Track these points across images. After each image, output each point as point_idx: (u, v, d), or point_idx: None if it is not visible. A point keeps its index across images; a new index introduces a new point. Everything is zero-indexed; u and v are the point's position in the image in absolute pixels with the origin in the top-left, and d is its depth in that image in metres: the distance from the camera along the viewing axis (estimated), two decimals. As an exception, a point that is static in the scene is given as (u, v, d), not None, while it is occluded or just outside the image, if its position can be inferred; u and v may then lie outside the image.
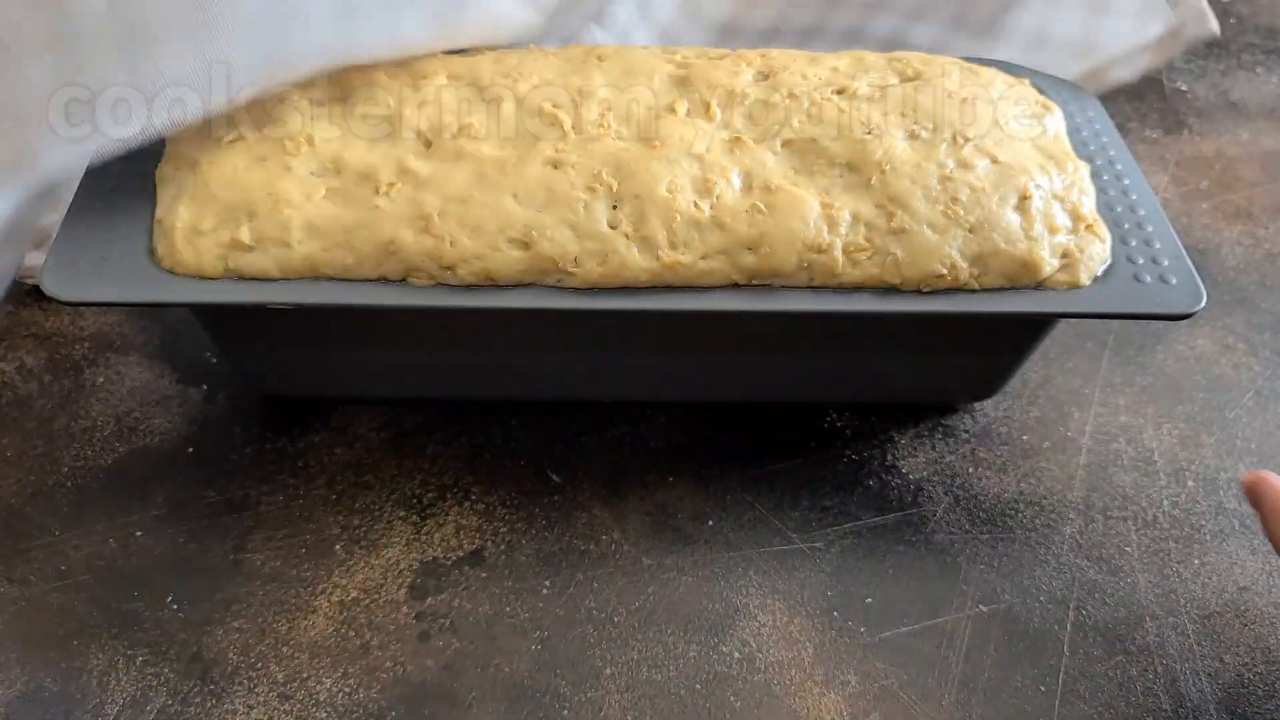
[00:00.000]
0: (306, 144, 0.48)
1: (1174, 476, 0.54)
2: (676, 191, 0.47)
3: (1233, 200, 0.72)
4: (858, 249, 0.47)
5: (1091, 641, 0.47)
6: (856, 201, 0.48)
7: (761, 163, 0.49)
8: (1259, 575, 0.50)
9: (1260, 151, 0.77)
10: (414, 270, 0.46)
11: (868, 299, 0.47)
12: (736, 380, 0.55)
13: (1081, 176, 0.51)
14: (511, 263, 0.46)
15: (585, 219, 0.46)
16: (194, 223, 0.46)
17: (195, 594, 0.47)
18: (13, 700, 0.43)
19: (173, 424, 0.54)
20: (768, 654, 0.46)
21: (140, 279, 0.45)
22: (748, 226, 0.47)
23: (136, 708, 0.43)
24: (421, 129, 0.49)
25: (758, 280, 0.47)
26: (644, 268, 0.46)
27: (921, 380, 0.55)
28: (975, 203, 0.48)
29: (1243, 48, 0.88)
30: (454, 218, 0.46)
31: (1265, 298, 0.65)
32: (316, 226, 0.46)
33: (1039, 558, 0.50)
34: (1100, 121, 0.57)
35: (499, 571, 0.48)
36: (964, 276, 0.47)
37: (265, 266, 0.46)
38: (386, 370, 0.53)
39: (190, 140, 0.49)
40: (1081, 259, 0.48)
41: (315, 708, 0.43)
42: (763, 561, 0.49)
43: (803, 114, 0.51)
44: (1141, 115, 0.80)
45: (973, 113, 0.51)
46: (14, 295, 0.61)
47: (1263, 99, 0.82)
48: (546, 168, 0.48)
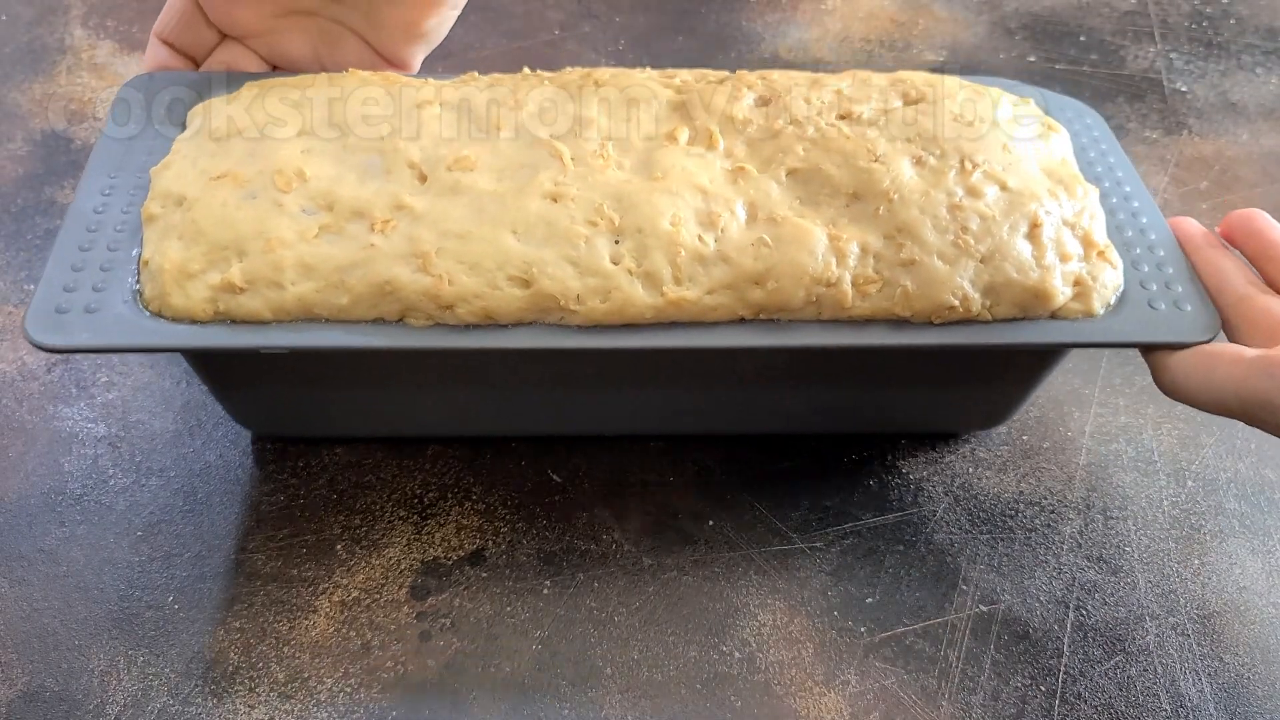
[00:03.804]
0: (298, 179, 0.45)
1: (1174, 476, 0.52)
2: (680, 225, 0.44)
3: (1232, 200, 0.70)
4: (867, 281, 0.44)
5: (1091, 642, 0.45)
6: (864, 232, 0.45)
7: (766, 193, 0.46)
8: (1259, 575, 0.48)
9: (1260, 152, 0.75)
10: (411, 310, 0.43)
11: (878, 332, 0.44)
12: (743, 413, 0.52)
13: (1091, 201, 0.48)
14: (512, 301, 0.43)
15: (587, 255, 0.43)
16: (183, 264, 0.43)
17: (196, 594, 0.46)
18: (13, 700, 0.41)
19: (173, 424, 0.53)
20: (768, 654, 0.45)
21: (127, 324, 0.42)
22: (754, 260, 0.44)
23: (137, 708, 0.42)
24: (416, 161, 0.46)
25: (765, 315, 0.44)
26: (648, 304, 0.43)
27: (930, 411, 0.52)
28: (986, 232, 0.45)
29: (1243, 48, 0.85)
30: (452, 255, 0.43)
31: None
32: (310, 266, 0.43)
33: (1039, 558, 0.49)
34: (1105, 139, 0.54)
35: (500, 571, 0.47)
36: (976, 308, 0.44)
37: (257, 309, 0.42)
38: (385, 410, 0.50)
39: (177, 175, 0.46)
40: (1094, 287, 0.45)
41: (316, 708, 0.42)
42: (763, 561, 0.48)
43: (806, 141, 0.48)
44: (1141, 116, 0.77)
45: (980, 136, 0.49)
46: (14, 295, 0.61)
47: (1262, 99, 0.80)
48: (546, 201, 0.45)
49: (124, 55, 0.78)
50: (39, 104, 0.72)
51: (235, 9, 0.53)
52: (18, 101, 0.73)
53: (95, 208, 0.46)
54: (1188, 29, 0.88)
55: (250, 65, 0.55)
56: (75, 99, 0.73)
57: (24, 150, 0.69)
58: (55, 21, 0.81)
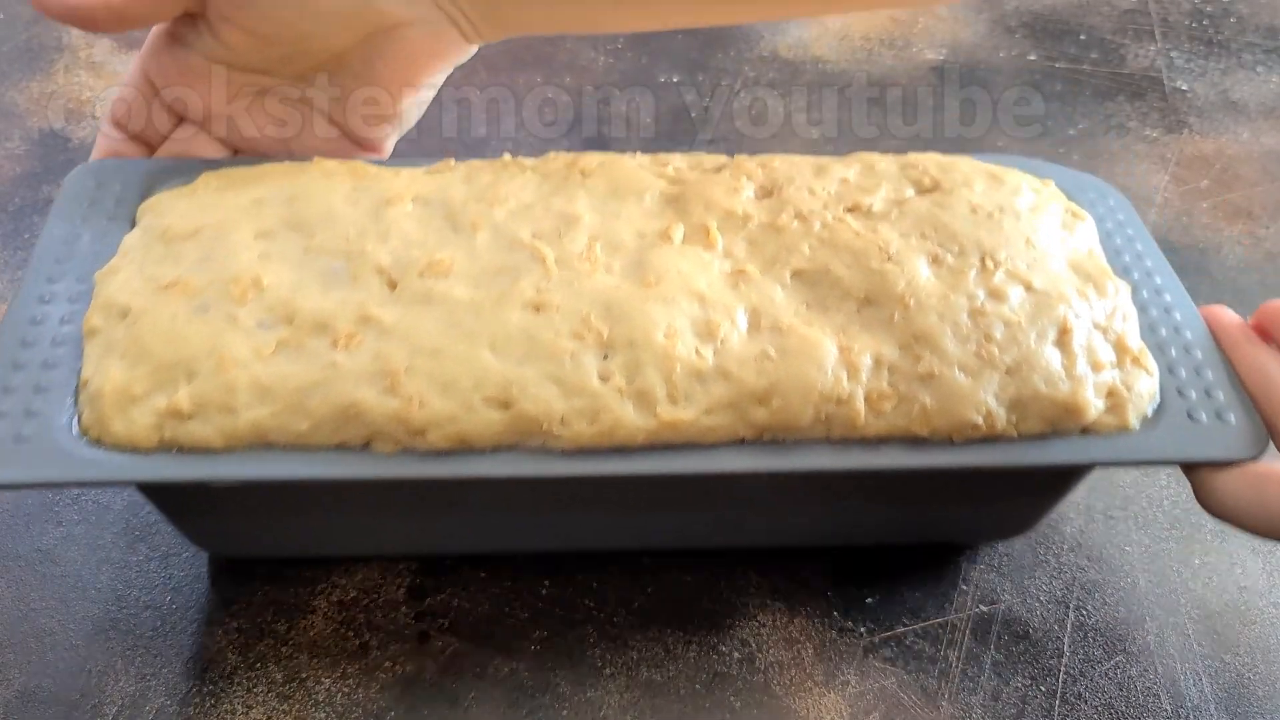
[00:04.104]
0: (254, 288, 0.40)
1: (1174, 476, 0.50)
2: (675, 337, 0.39)
3: (1233, 200, 0.68)
4: (881, 397, 0.39)
5: (1091, 642, 0.44)
6: (878, 342, 0.40)
7: (769, 298, 0.41)
8: (1259, 575, 0.47)
9: (1260, 151, 0.73)
10: (378, 435, 0.38)
11: (894, 453, 0.39)
12: (742, 529, 0.47)
13: (1123, 299, 0.43)
14: (489, 425, 0.38)
15: (572, 372, 0.39)
16: (125, 386, 0.38)
17: (193, 593, 0.44)
18: (10, 700, 0.40)
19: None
20: (768, 654, 0.43)
21: (62, 455, 0.37)
22: (757, 376, 0.39)
23: (135, 708, 0.40)
24: (385, 266, 0.41)
25: (769, 435, 0.39)
26: (640, 426, 0.38)
27: (948, 524, 0.47)
28: (1011, 340, 0.40)
29: (1243, 47, 0.83)
30: (423, 374, 0.38)
31: (1265, 297, 0.62)
32: (266, 388, 0.38)
33: (1039, 558, 0.47)
34: (1130, 223, 0.49)
35: (498, 571, 0.46)
36: (1001, 424, 0.40)
37: (207, 436, 0.38)
38: (350, 533, 0.45)
39: (122, 283, 0.41)
40: (1129, 398, 0.40)
41: (314, 708, 0.41)
42: (763, 561, 0.47)
43: (813, 238, 0.43)
44: (1141, 115, 0.76)
45: (1001, 230, 0.44)
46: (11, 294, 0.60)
47: (1263, 98, 0.78)
48: (527, 311, 0.40)
49: (122, 54, 0.76)
50: (37, 103, 0.72)
51: (192, 91, 0.48)
52: (15, 100, 0.72)
53: (32, 318, 0.41)
54: (1188, 27, 0.88)
55: (209, 150, 0.49)
56: (73, 98, 0.72)
57: (21, 149, 0.68)
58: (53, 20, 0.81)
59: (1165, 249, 0.66)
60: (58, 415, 0.38)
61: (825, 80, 0.79)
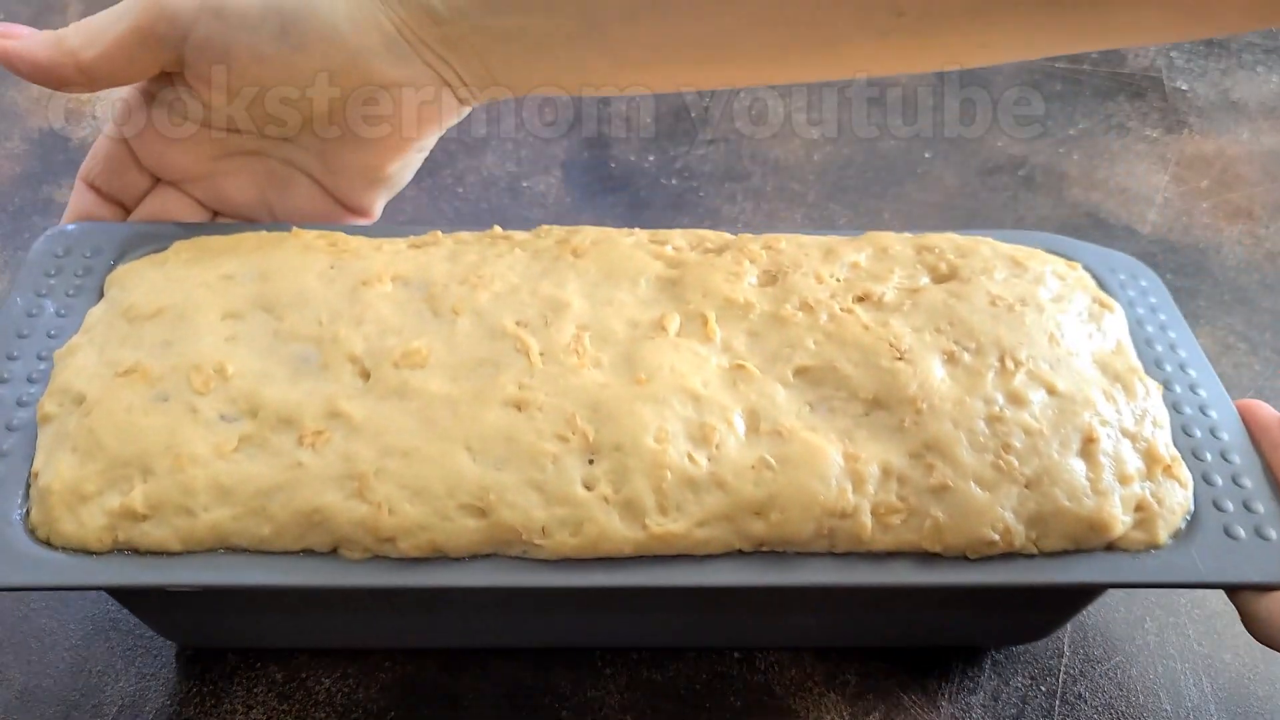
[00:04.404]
0: (217, 376, 0.38)
1: None
2: (667, 441, 0.37)
3: (1233, 199, 0.68)
4: (890, 510, 0.37)
5: (1091, 641, 0.44)
6: (887, 450, 0.37)
7: (770, 398, 0.38)
8: None
9: (1260, 151, 0.73)
10: (345, 542, 0.36)
11: (901, 569, 0.37)
12: (737, 632, 0.44)
13: (1154, 403, 0.40)
14: (464, 534, 0.36)
15: (555, 478, 0.36)
16: (76, 484, 0.35)
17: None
18: (9, 700, 0.40)
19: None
20: (767, 654, 0.43)
21: (8, 556, 0.35)
22: (754, 487, 0.36)
23: (134, 708, 0.40)
24: (358, 354, 0.39)
25: (766, 548, 0.37)
26: (627, 538, 0.36)
27: (959, 631, 0.44)
28: (1031, 450, 0.37)
29: (1243, 47, 0.83)
30: (393, 478, 0.36)
31: (1265, 297, 0.61)
32: (226, 489, 0.36)
33: None
34: (1163, 307, 0.46)
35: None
36: (1019, 541, 0.37)
37: (163, 538, 0.35)
38: (317, 628, 0.42)
39: (80, 367, 0.39)
40: (1160, 512, 0.37)
41: (314, 708, 0.41)
42: None
43: (819, 332, 0.40)
44: (1142, 114, 0.75)
45: (1022, 325, 0.41)
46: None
47: (1263, 98, 0.78)
48: (508, 410, 0.37)
49: None
50: (36, 102, 0.71)
51: (170, 151, 0.45)
52: (15, 100, 0.72)
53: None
54: (1188, 27, 0.88)
55: (187, 213, 0.47)
56: (73, 98, 0.72)
57: (21, 149, 0.68)
58: (53, 19, 0.80)
59: (1165, 249, 0.66)
60: (8, 510, 0.36)
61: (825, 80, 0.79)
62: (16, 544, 0.35)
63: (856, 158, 0.72)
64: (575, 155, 0.70)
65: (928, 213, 0.68)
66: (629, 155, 0.70)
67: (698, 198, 0.67)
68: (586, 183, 0.68)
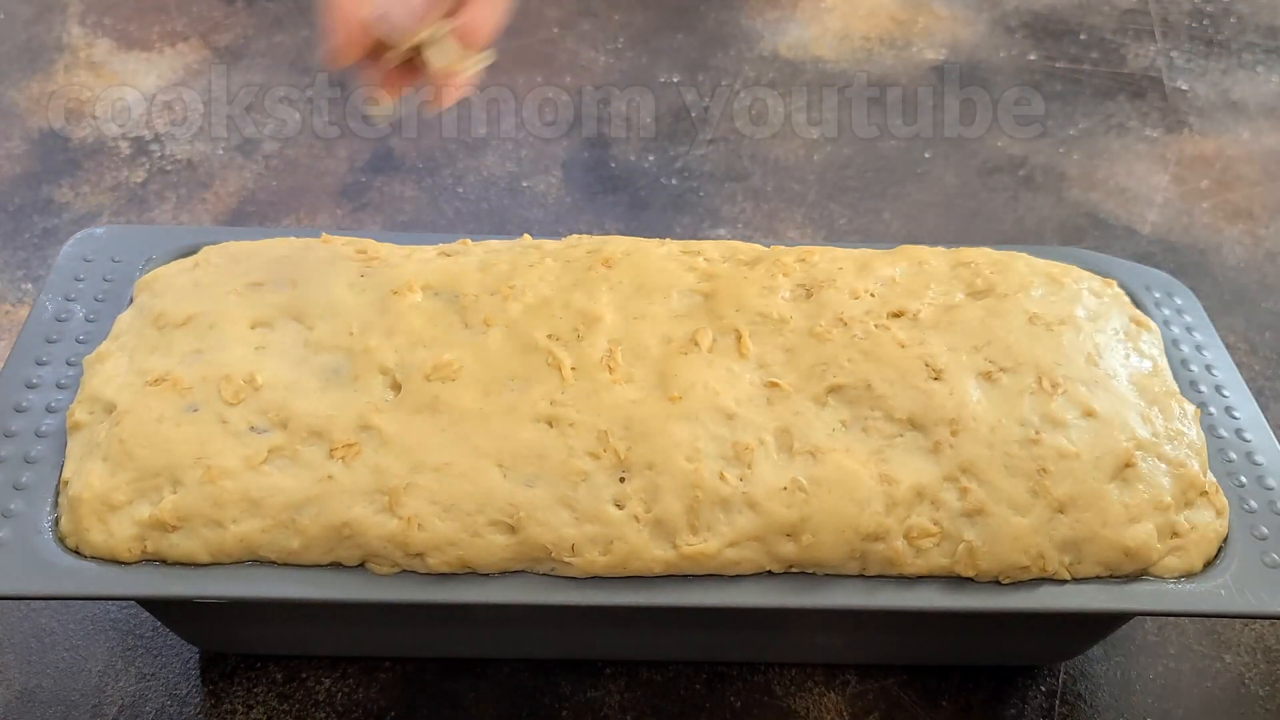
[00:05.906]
0: (248, 387, 0.37)
1: None
2: (699, 460, 0.36)
3: (1233, 199, 0.68)
4: (923, 534, 0.36)
5: None
6: (920, 472, 0.37)
7: (804, 417, 0.38)
8: None
9: (1260, 151, 0.72)
10: (374, 556, 0.35)
11: (934, 594, 0.36)
12: (767, 648, 0.43)
13: (1191, 427, 0.39)
14: (494, 550, 0.35)
15: (586, 496, 0.36)
16: (105, 494, 0.35)
17: None
18: (10, 701, 0.40)
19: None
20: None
21: (36, 565, 0.35)
22: (786, 508, 0.36)
23: (135, 708, 0.40)
24: (389, 366, 0.38)
25: (798, 569, 0.36)
26: (657, 558, 0.35)
27: (988, 653, 0.44)
28: (1068, 474, 0.37)
29: (1243, 47, 0.83)
30: (424, 493, 0.36)
31: (1265, 297, 0.61)
32: (256, 502, 0.35)
33: None
34: (1199, 326, 0.45)
35: None
36: (1053, 566, 0.36)
37: (192, 549, 0.35)
38: (349, 638, 0.42)
39: (109, 375, 0.38)
40: (1196, 539, 0.37)
41: (314, 708, 0.41)
42: None
43: (854, 350, 0.39)
44: (1142, 114, 0.75)
45: (1060, 345, 0.40)
46: (11, 294, 0.61)
47: (1263, 98, 0.77)
48: (540, 426, 0.37)
49: (121, 53, 0.75)
50: (37, 102, 0.71)
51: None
52: (15, 100, 0.72)
53: (17, 404, 0.38)
54: (1188, 27, 0.87)
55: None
56: (73, 97, 0.72)
57: (21, 149, 0.67)
58: (53, 20, 0.80)
59: (1165, 249, 0.66)
60: (38, 517, 0.36)
61: (825, 80, 0.79)
62: (47, 553, 0.35)
63: (856, 158, 0.72)
64: (575, 155, 0.70)
65: (927, 213, 0.67)
66: (629, 155, 0.70)
67: (698, 198, 0.67)
68: (586, 183, 0.68)
